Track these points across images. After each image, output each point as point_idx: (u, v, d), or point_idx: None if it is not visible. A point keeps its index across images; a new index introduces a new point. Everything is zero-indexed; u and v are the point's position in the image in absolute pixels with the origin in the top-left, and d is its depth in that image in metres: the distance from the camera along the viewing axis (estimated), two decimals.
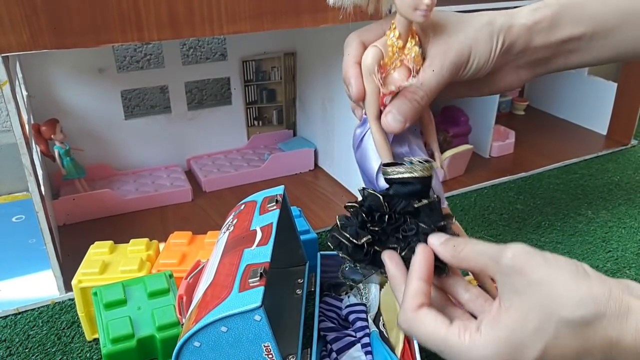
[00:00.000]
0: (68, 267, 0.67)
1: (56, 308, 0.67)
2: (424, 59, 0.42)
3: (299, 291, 0.60)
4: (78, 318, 0.61)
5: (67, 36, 0.58)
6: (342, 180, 0.99)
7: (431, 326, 0.36)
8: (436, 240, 0.39)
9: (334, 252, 0.64)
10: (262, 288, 0.43)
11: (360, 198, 0.42)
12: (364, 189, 0.42)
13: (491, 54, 0.43)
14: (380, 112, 0.42)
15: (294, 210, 0.72)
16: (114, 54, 0.92)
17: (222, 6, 0.64)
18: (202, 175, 0.97)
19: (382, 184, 0.42)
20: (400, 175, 0.40)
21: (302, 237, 0.64)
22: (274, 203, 0.56)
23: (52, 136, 0.83)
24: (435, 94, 0.42)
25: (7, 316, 0.66)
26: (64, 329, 0.63)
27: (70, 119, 0.90)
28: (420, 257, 0.39)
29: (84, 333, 0.61)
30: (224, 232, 0.57)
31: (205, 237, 0.66)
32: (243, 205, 0.60)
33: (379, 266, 0.41)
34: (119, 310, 0.54)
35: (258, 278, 0.44)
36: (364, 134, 0.44)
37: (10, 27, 0.55)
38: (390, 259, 0.40)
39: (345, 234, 0.41)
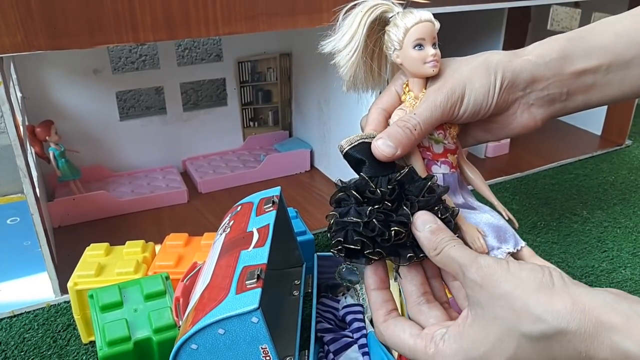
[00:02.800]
0: (64, 270, 0.67)
1: (52, 311, 0.66)
2: None
3: (296, 292, 0.60)
4: (74, 321, 0.60)
5: (62, 37, 0.58)
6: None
7: (400, 338, 0.38)
8: (421, 225, 0.38)
9: (331, 253, 0.64)
10: (259, 290, 0.43)
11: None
12: (340, 180, 0.41)
13: (490, 90, 0.43)
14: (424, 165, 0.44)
15: (291, 212, 0.72)
16: (109, 55, 0.91)
17: (217, 7, 0.64)
18: (198, 176, 0.97)
19: None
20: (355, 143, 0.41)
21: (299, 239, 0.64)
22: (271, 204, 0.56)
23: (47, 138, 0.82)
24: (430, 127, 0.42)
25: (2, 319, 0.65)
26: (59, 331, 0.63)
27: (65, 121, 0.90)
28: (369, 269, 0.40)
29: (80, 336, 0.61)
30: (221, 234, 0.57)
31: (202, 238, 0.66)
32: (239, 207, 0.60)
33: (400, 253, 0.39)
34: (115, 313, 0.54)
35: (255, 280, 0.44)
36: None
37: (5, 28, 0.55)
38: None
39: (349, 218, 0.38)
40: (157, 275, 0.58)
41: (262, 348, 0.42)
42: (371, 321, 0.58)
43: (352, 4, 0.43)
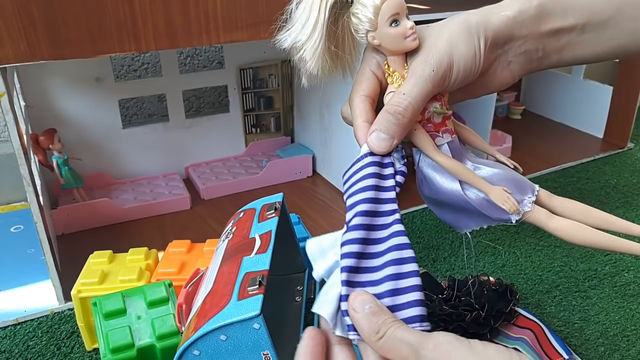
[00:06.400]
0: (67, 277, 0.67)
1: (55, 318, 0.67)
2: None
3: (298, 298, 0.60)
4: (78, 328, 0.61)
5: (65, 47, 0.59)
6: (340, 186, 0.99)
7: None
8: (360, 306, 0.32)
9: None
10: (260, 296, 0.43)
11: None
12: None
13: (475, 53, 0.40)
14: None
15: (293, 217, 0.72)
16: (111, 63, 0.92)
17: (219, 15, 0.65)
18: (201, 183, 0.98)
19: (472, 195, 0.42)
20: None
21: (302, 244, 0.64)
22: (273, 210, 0.56)
23: (50, 146, 0.83)
24: (422, 103, 0.40)
25: (6, 327, 0.65)
26: (63, 339, 0.63)
27: (68, 129, 0.90)
28: (305, 344, 0.34)
29: (83, 343, 0.61)
30: (223, 240, 0.57)
31: (204, 245, 0.67)
32: (242, 213, 0.60)
33: None
34: (119, 320, 0.54)
35: (257, 286, 0.44)
36: (422, 171, 0.44)
37: (8, 39, 0.56)
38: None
39: None
40: (160, 283, 0.58)
41: (264, 354, 0.42)
42: None
43: None
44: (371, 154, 0.39)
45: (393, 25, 0.39)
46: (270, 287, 0.45)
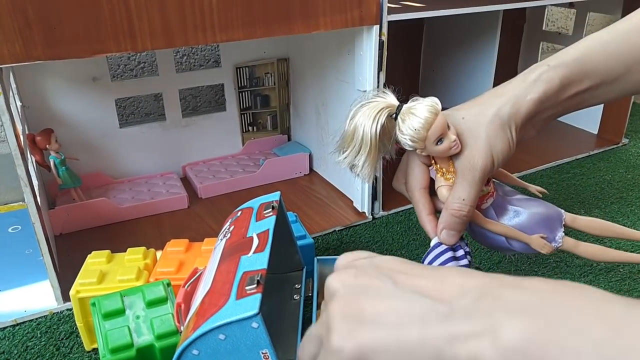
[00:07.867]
0: (65, 277, 0.67)
1: (54, 319, 0.67)
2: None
3: (296, 296, 0.60)
4: (76, 328, 0.61)
5: (61, 47, 0.59)
6: (337, 184, 0.99)
7: None
8: None
9: (331, 257, 0.65)
10: (259, 295, 0.43)
11: None
12: None
13: (509, 143, 0.47)
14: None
15: (290, 216, 0.72)
16: (107, 63, 0.92)
17: (215, 14, 0.65)
18: (198, 181, 0.98)
19: (515, 244, 0.53)
20: None
21: (299, 243, 0.64)
22: (270, 209, 0.56)
23: (47, 146, 0.83)
24: (477, 202, 0.48)
25: (4, 328, 0.66)
26: (62, 339, 0.64)
27: (65, 129, 0.90)
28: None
29: (82, 343, 0.61)
30: (221, 239, 0.57)
31: (202, 244, 0.67)
32: (239, 212, 0.61)
33: None
34: (118, 320, 0.54)
35: (255, 285, 0.44)
36: (472, 228, 0.55)
37: (3, 39, 0.56)
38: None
39: None
40: (159, 282, 0.59)
41: (262, 353, 0.43)
42: None
43: (353, 111, 0.47)
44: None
45: (439, 143, 0.46)
46: (268, 285, 0.45)
